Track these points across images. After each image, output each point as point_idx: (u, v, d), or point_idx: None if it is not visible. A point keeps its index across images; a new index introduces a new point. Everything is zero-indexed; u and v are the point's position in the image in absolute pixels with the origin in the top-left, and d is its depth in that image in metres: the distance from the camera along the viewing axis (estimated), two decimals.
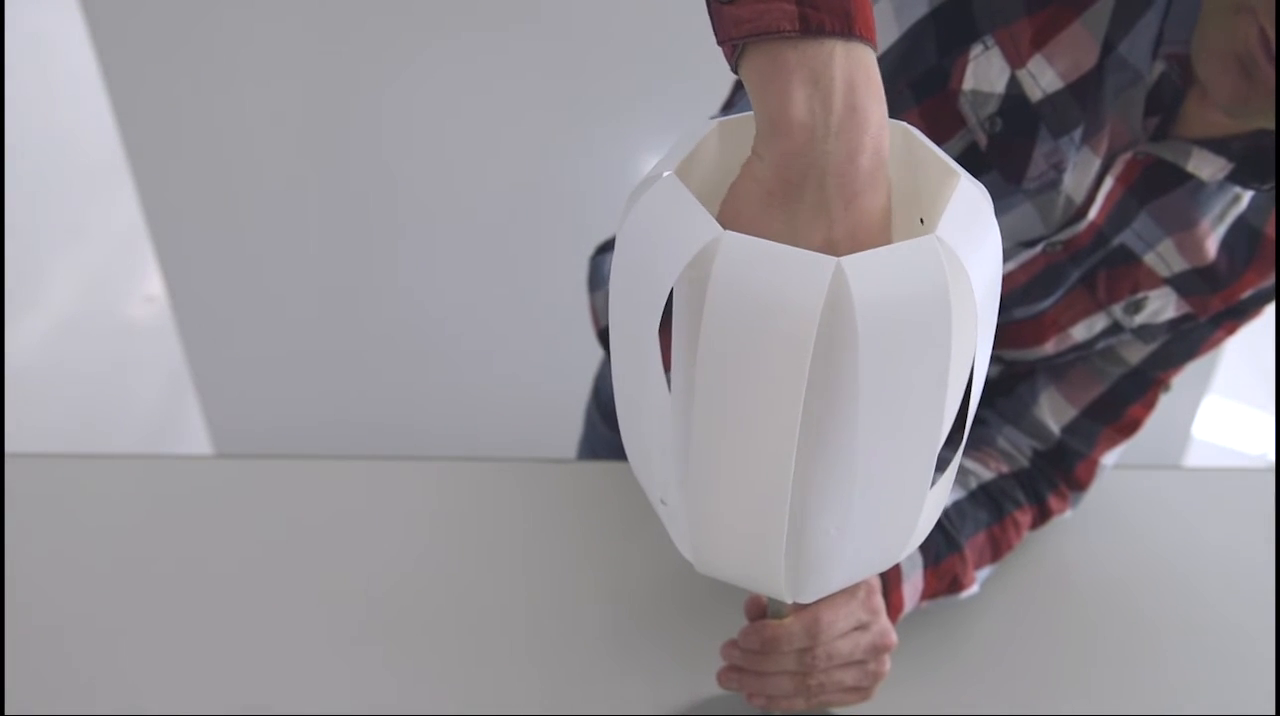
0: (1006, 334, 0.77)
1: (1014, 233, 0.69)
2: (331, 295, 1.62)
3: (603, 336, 0.91)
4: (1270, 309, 0.77)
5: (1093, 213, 0.68)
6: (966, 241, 0.40)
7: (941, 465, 0.46)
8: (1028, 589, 0.85)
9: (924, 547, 0.76)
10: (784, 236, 0.40)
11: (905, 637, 0.75)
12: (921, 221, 0.47)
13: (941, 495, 0.50)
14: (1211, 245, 0.71)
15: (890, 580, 0.72)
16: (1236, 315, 0.76)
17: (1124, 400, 0.80)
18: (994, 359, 0.82)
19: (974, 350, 0.43)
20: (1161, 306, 0.74)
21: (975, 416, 0.60)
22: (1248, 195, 0.69)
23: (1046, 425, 0.82)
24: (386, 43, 1.37)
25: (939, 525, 0.77)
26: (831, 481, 0.45)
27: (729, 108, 0.86)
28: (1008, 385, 0.85)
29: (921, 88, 0.65)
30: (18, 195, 2.00)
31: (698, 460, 0.42)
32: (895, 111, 0.45)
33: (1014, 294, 0.73)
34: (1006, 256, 0.71)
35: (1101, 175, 0.67)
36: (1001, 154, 0.65)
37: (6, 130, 1.99)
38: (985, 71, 0.63)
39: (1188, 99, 0.65)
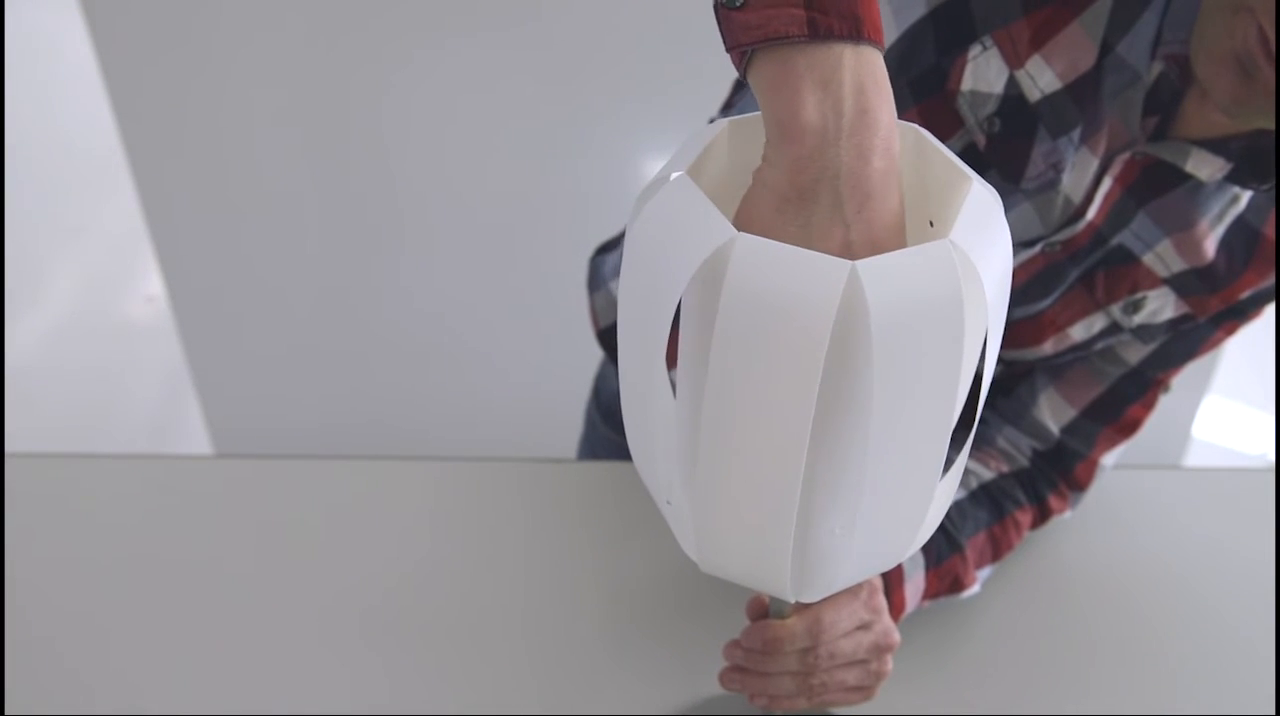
0: (1005, 333, 0.77)
1: (1013, 232, 0.69)
2: (331, 295, 1.62)
3: (603, 337, 0.91)
4: (1270, 309, 0.77)
5: (1091, 213, 0.68)
6: (979, 246, 0.40)
7: (946, 465, 0.46)
8: (1028, 589, 0.85)
9: (925, 548, 0.76)
10: (799, 241, 0.40)
11: (906, 637, 0.75)
12: (931, 223, 0.47)
13: (947, 495, 0.50)
14: (1210, 245, 0.70)
15: (892, 580, 0.72)
16: (1236, 315, 0.76)
17: (1123, 400, 0.80)
18: None
19: (982, 352, 0.43)
20: (1160, 306, 0.74)
21: None
22: (1246, 195, 0.69)
23: (1046, 425, 0.82)
24: (386, 43, 1.37)
25: (940, 525, 0.77)
26: (839, 482, 0.45)
27: (729, 108, 0.86)
28: (1007, 385, 0.85)
29: (920, 88, 0.65)
30: (18, 195, 2.00)
31: (706, 460, 0.42)
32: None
33: (1013, 293, 0.73)
34: None
35: (1100, 175, 0.67)
36: (1000, 154, 0.65)
37: (6, 130, 2.00)
38: (984, 72, 0.63)
39: (1186, 99, 0.65)
